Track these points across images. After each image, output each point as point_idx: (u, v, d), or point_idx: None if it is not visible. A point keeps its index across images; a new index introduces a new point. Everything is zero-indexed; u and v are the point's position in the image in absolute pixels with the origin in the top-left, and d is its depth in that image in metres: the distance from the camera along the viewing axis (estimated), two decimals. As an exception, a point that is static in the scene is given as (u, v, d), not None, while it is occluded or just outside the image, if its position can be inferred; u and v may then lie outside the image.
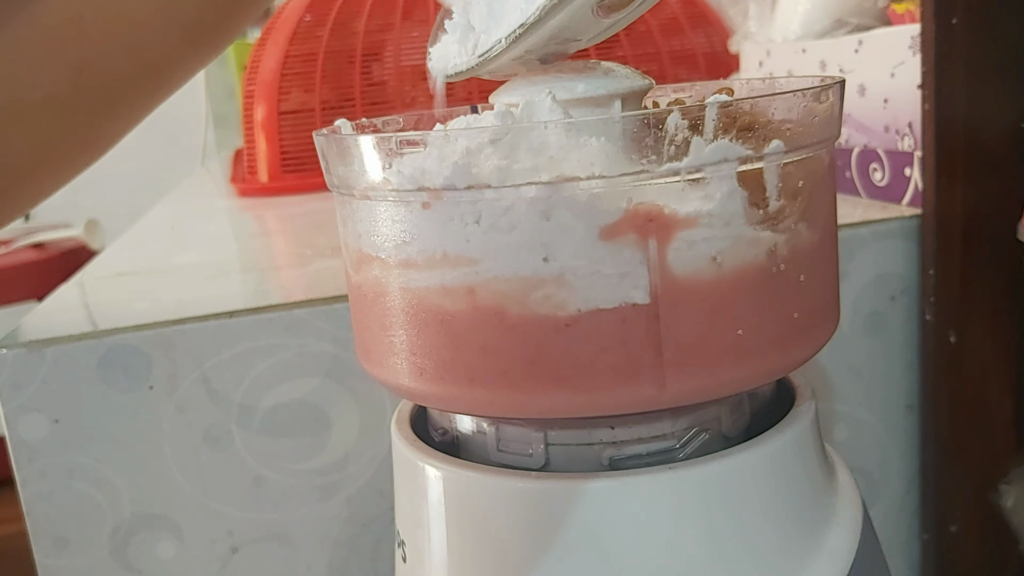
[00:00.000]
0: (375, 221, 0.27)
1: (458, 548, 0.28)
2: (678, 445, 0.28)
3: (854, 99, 0.54)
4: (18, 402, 0.40)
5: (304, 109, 0.81)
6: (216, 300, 0.44)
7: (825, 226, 0.28)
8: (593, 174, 0.24)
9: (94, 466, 0.41)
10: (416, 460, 0.29)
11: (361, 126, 0.32)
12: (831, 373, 0.49)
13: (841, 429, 0.50)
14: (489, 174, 0.24)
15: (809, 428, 0.29)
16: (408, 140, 0.25)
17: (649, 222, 0.24)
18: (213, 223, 0.77)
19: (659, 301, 0.25)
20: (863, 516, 0.30)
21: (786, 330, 0.27)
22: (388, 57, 0.80)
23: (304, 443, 0.43)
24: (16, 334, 0.41)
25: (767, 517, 0.27)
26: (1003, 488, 0.48)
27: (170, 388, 0.41)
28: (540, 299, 0.25)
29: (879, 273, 0.49)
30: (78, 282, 0.53)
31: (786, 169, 0.26)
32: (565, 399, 0.25)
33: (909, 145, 0.50)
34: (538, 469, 0.28)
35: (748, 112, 0.26)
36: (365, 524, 0.45)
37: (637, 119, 0.24)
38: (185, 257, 0.60)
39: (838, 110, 0.28)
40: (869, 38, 0.53)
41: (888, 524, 0.52)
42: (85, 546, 0.42)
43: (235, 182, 0.92)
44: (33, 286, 1.40)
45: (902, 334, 0.49)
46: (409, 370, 0.27)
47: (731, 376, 0.26)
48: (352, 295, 0.30)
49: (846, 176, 0.56)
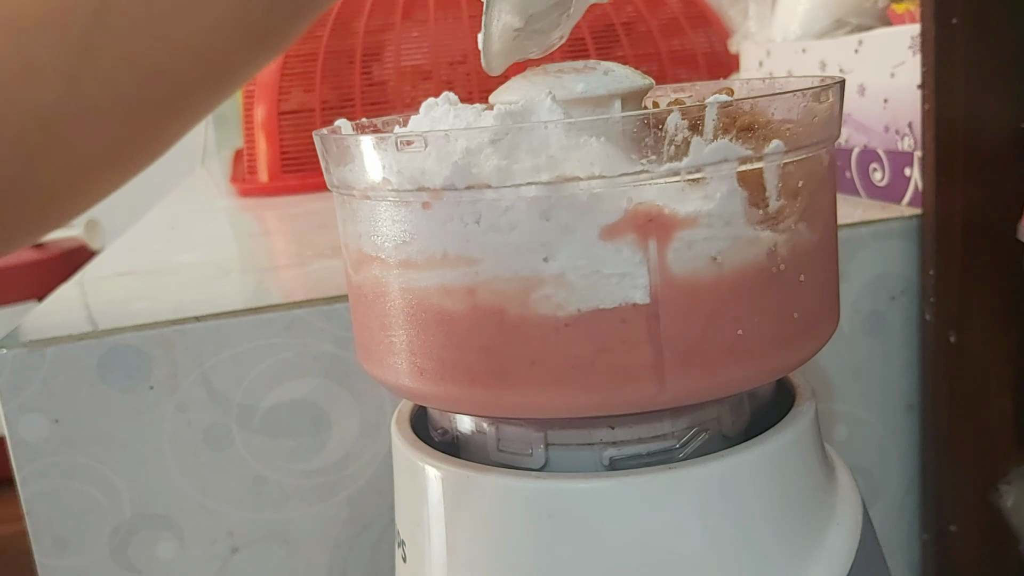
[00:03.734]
0: (375, 221, 0.27)
1: (458, 548, 0.28)
2: (678, 445, 0.28)
3: (854, 99, 0.54)
4: (18, 402, 0.40)
5: (304, 109, 0.81)
6: (216, 300, 0.44)
7: (825, 226, 0.28)
8: (593, 174, 0.24)
9: (94, 466, 0.41)
10: (416, 460, 0.30)
11: (361, 126, 0.32)
12: (831, 373, 0.49)
13: (841, 429, 0.50)
14: (489, 174, 0.24)
15: (809, 428, 0.30)
16: (408, 140, 0.25)
17: (649, 222, 0.24)
18: (213, 223, 0.77)
19: (659, 301, 0.25)
20: (863, 516, 0.30)
21: (786, 330, 0.27)
22: (388, 57, 0.80)
23: (304, 443, 0.43)
24: (16, 334, 0.41)
25: (767, 517, 0.27)
26: (1003, 488, 0.48)
27: (170, 388, 0.41)
28: (540, 299, 0.25)
29: (879, 273, 0.49)
30: (78, 282, 0.53)
31: (786, 169, 0.26)
32: (565, 399, 0.25)
33: (909, 145, 0.50)
34: (538, 469, 0.28)
35: (748, 112, 0.26)
36: (365, 524, 0.45)
37: (637, 119, 0.24)
38: (185, 257, 0.60)
39: (838, 110, 0.28)
40: (869, 38, 0.53)
41: (888, 524, 0.52)
42: (85, 546, 0.42)
43: (235, 182, 0.92)
44: (33, 286, 1.40)
45: (902, 334, 0.49)
46: (409, 370, 0.27)
47: (731, 376, 0.26)
48: (352, 295, 0.30)
49: (846, 176, 0.56)
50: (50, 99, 0.32)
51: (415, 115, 0.30)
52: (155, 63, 0.33)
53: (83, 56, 0.32)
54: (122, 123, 0.34)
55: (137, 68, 0.33)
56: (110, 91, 0.33)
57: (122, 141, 0.35)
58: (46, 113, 0.32)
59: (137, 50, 0.32)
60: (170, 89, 0.34)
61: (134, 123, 0.34)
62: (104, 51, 0.32)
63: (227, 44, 0.34)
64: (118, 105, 0.33)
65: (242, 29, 0.34)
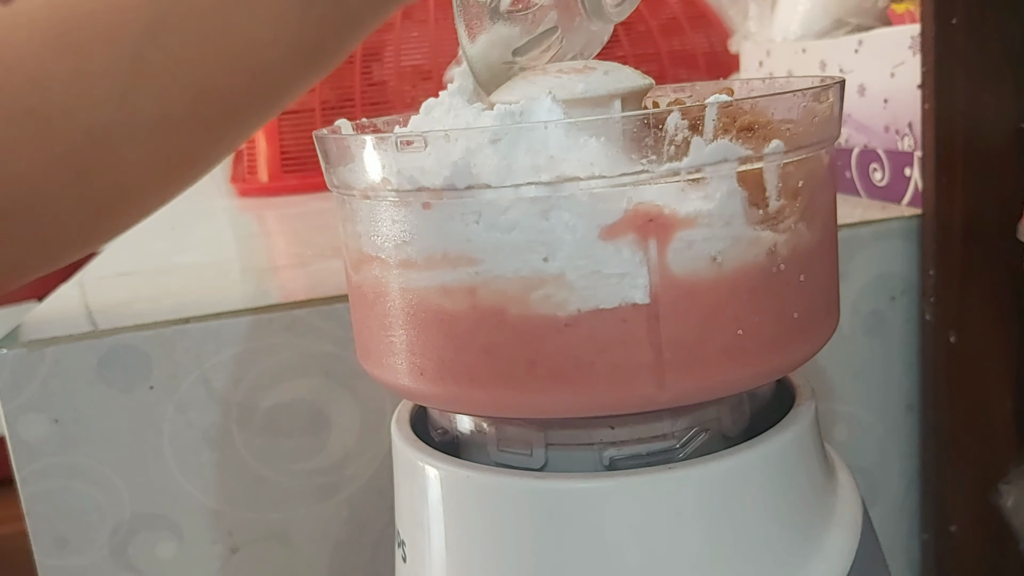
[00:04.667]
0: (375, 221, 0.27)
1: (458, 548, 0.28)
2: (678, 445, 0.28)
3: (854, 99, 0.54)
4: (18, 402, 0.40)
5: (304, 109, 0.81)
6: (216, 300, 0.44)
7: (825, 226, 0.28)
8: (593, 174, 0.24)
9: (94, 466, 0.41)
10: (416, 460, 0.29)
11: (361, 126, 0.32)
12: (831, 373, 0.49)
13: (841, 429, 0.50)
14: (489, 174, 0.24)
15: (809, 428, 0.29)
16: (408, 140, 0.25)
17: (649, 222, 0.24)
18: (213, 223, 0.77)
19: (659, 301, 0.25)
20: (863, 516, 0.30)
21: (786, 330, 0.27)
22: (388, 57, 0.80)
23: (304, 443, 0.43)
24: (16, 334, 0.41)
25: (767, 517, 0.27)
26: (1003, 488, 0.48)
27: (170, 388, 0.41)
28: (540, 299, 0.25)
29: (879, 273, 0.49)
30: (78, 282, 0.53)
31: (786, 169, 0.26)
32: (565, 399, 0.25)
33: (909, 145, 0.50)
34: (538, 469, 0.28)
35: (748, 112, 0.26)
36: (365, 524, 0.45)
37: (637, 119, 0.24)
38: (185, 257, 0.60)
39: (838, 110, 0.28)
40: (869, 38, 0.53)
41: (888, 524, 0.52)
42: (85, 546, 0.42)
43: (235, 182, 0.92)
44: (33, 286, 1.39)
45: (902, 334, 0.49)
46: (409, 370, 0.27)
47: (731, 376, 0.26)
48: (352, 295, 0.30)
49: (846, 176, 0.56)
50: (102, 114, 0.32)
51: (415, 115, 0.30)
52: (207, 80, 0.33)
53: (136, 72, 0.32)
54: (172, 139, 0.34)
55: (189, 85, 0.33)
56: (162, 107, 0.33)
57: (171, 157, 0.35)
58: (98, 128, 0.32)
59: (190, 67, 0.33)
60: (221, 106, 0.34)
61: (184, 140, 0.34)
62: (157, 67, 0.32)
63: (279, 62, 0.34)
64: (169, 121, 0.33)
65: (294, 47, 0.34)
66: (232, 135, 0.36)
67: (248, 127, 0.36)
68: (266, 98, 0.35)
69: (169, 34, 0.32)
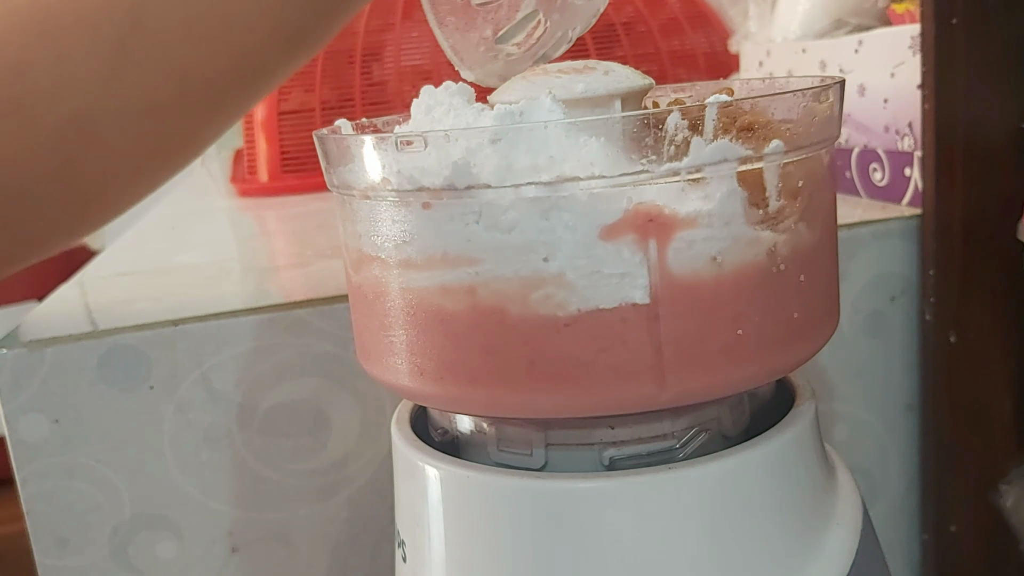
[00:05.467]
0: (375, 221, 0.27)
1: (458, 548, 0.28)
2: (678, 445, 0.28)
3: (854, 99, 0.54)
4: (18, 402, 0.40)
5: (304, 109, 0.81)
6: (216, 300, 0.44)
7: (825, 226, 0.28)
8: (593, 174, 0.24)
9: (94, 466, 0.41)
10: (416, 460, 0.30)
11: (361, 126, 0.32)
12: (831, 373, 0.49)
13: (841, 429, 0.50)
14: (489, 174, 0.24)
15: (809, 428, 0.29)
16: (408, 140, 0.25)
17: (649, 222, 0.24)
18: (213, 223, 0.77)
19: (659, 301, 0.25)
20: (863, 516, 0.30)
21: (786, 330, 0.27)
22: (388, 57, 0.80)
23: (304, 443, 0.43)
24: (16, 334, 0.41)
25: (767, 517, 0.27)
26: (1003, 488, 0.48)
27: (170, 388, 0.41)
28: (540, 299, 0.25)
29: (879, 273, 0.49)
30: (78, 282, 0.53)
31: (786, 169, 0.26)
32: (565, 399, 0.25)
33: (909, 145, 0.50)
34: (538, 469, 0.28)
35: (748, 112, 0.26)
36: (365, 524, 0.45)
37: (637, 119, 0.24)
38: (185, 257, 0.60)
39: (838, 110, 0.28)
40: (869, 38, 0.53)
41: (888, 524, 0.52)
42: (85, 546, 0.42)
43: (235, 182, 0.92)
44: (33, 286, 1.40)
45: (902, 334, 0.49)
46: (409, 370, 0.27)
47: (731, 376, 0.26)
48: (352, 295, 0.30)
49: (846, 176, 0.56)
50: (86, 101, 0.32)
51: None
52: (191, 65, 0.33)
53: (118, 58, 0.32)
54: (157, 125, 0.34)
55: (173, 70, 0.33)
56: (146, 93, 0.33)
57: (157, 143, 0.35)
58: (82, 115, 0.32)
59: (173, 51, 0.32)
60: (205, 91, 0.34)
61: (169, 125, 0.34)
62: (139, 52, 0.32)
63: (263, 45, 0.34)
64: (154, 107, 0.33)
65: (278, 30, 0.34)
66: (218, 120, 0.35)
67: (234, 111, 0.36)
68: (250, 82, 0.35)
69: (151, 19, 0.32)
